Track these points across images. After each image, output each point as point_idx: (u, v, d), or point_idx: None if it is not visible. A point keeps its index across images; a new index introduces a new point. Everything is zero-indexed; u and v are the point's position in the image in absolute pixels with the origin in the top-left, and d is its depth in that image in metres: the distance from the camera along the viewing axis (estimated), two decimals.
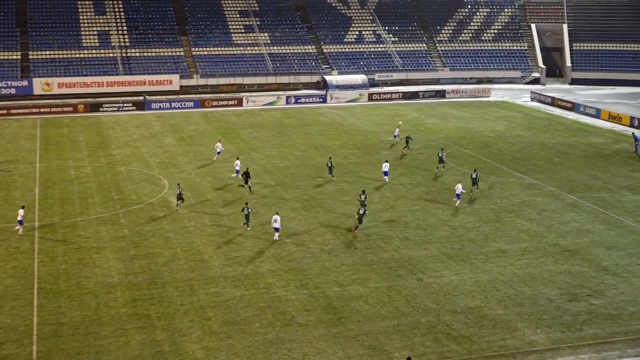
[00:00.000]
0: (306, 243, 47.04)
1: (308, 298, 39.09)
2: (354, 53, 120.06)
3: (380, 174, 61.58)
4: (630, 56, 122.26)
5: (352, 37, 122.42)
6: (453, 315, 37.34)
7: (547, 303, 38.86)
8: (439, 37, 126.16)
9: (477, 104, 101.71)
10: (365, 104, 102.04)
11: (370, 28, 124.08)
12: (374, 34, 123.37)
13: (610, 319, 37.21)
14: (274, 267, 43.16)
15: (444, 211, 53.72)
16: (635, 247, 47.01)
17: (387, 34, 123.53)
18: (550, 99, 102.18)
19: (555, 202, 56.28)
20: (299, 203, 55.24)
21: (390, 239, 47.86)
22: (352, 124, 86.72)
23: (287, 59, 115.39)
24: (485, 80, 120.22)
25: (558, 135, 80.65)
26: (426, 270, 42.92)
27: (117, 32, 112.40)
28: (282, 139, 77.46)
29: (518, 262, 44.40)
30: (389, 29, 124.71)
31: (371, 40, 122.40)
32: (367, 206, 51.42)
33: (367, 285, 40.84)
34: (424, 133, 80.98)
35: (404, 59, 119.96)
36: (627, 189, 60.07)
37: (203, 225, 50.11)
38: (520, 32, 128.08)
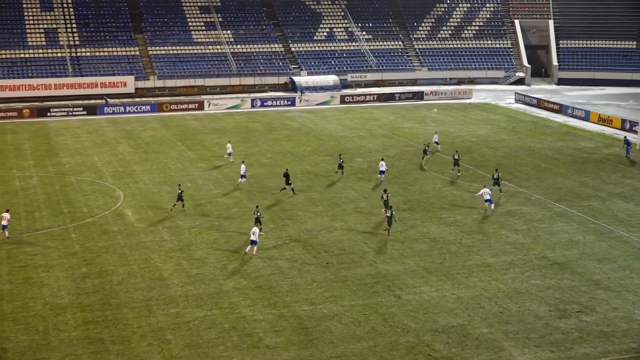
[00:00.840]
0: (274, 258, 46.95)
1: (277, 318, 38.99)
2: (324, 52, 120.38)
3: (357, 183, 61.70)
4: (621, 54, 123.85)
5: (322, 34, 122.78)
6: (434, 335, 37.43)
7: (534, 320, 39.10)
8: (416, 34, 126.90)
9: (457, 107, 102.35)
10: (337, 107, 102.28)
11: (342, 25, 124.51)
12: (346, 31, 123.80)
13: (603, 336, 37.52)
14: (239, 284, 43.02)
15: (423, 222, 53.92)
16: (628, 259, 47.50)
17: (360, 32, 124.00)
18: (536, 100, 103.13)
19: (543, 211, 56.71)
20: (266, 215, 55.10)
21: (366, 253, 47.92)
22: (323, 128, 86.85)
23: (252, 59, 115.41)
24: (466, 81, 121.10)
25: (545, 140, 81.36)
26: (404, 287, 43.00)
27: (65, 30, 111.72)
28: (247, 146, 77.35)
29: (503, 276, 44.64)
30: (362, 25, 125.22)
31: (343, 38, 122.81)
32: (391, 208, 51.86)
33: (341, 303, 40.82)
34: (401, 138, 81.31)
35: (379, 59, 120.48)
36: (619, 196, 60.71)
37: (162, 240, 49.85)
38: (503, 29, 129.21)
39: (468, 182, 63.85)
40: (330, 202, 58.26)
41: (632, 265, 46.40)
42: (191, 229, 52.10)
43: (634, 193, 61.56)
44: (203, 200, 58.48)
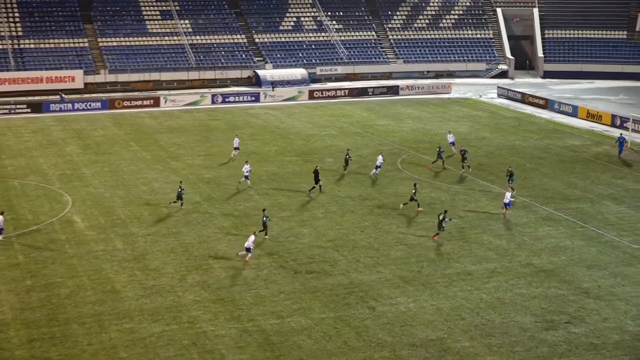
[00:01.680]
0: (237, 268, 46.88)
1: (240, 333, 38.94)
2: (291, 43, 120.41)
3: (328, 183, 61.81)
4: (610, 45, 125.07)
5: (288, 24, 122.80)
6: (411, 349, 37.56)
7: (519, 332, 39.35)
8: (390, 24, 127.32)
9: (435, 102, 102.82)
10: (306, 102, 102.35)
11: (310, 14, 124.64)
12: (315, 20, 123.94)
13: (593, 349, 37.85)
14: (199, 297, 42.90)
15: (399, 227, 54.10)
16: (620, 265, 47.97)
17: (330, 21, 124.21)
18: (520, 95, 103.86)
19: (528, 214, 57.12)
20: (229, 220, 55.04)
21: (337, 262, 47.98)
22: (291, 126, 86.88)
23: (212, 51, 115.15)
24: (445, 74, 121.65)
25: (530, 137, 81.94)
26: (379, 297, 43.11)
27: (7, 20, 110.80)
28: (207, 145, 77.19)
29: (486, 285, 44.90)
30: (332, 14, 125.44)
31: (311, 28, 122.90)
32: (446, 212, 52.44)
33: (311, 316, 40.84)
34: (375, 136, 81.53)
35: (350, 50, 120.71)
36: (609, 198, 61.29)
37: (114, 249, 49.61)
38: (484, 18, 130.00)
39: (447, 184, 64.17)
40: (298, 206, 58.29)
41: (623, 272, 46.87)
42: (146, 236, 51.88)
43: (625, 194, 62.19)
44: (160, 205, 58.26)
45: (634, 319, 40.85)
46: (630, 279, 45.86)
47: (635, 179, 66.75)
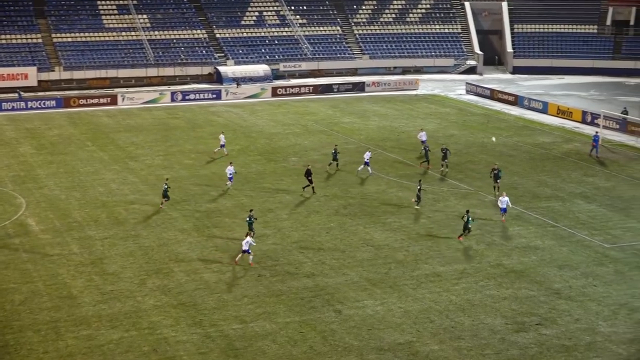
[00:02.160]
0: (199, 271, 46.80)
1: (203, 339, 38.87)
2: (253, 39, 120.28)
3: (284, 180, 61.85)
4: (580, 40, 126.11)
5: (250, 19, 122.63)
6: (379, 354, 37.69)
7: (490, 335, 39.62)
8: (355, 18, 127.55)
9: (403, 99, 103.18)
10: (269, 100, 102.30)
11: (273, 8, 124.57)
12: (278, 15, 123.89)
13: (564, 351, 38.19)
14: (160, 301, 42.78)
15: (366, 228, 54.26)
16: (591, 265, 48.44)
17: (293, 15, 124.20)
18: (489, 91, 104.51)
19: (497, 214, 57.46)
20: (190, 222, 54.92)
21: (302, 264, 48.04)
22: (253, 124, 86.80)
23: (171, 47, 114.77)
24: (412, 70, 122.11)
25: (499, 135, 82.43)
26: (346, 300, 43.20)
27: None
28: (167, 145, 76.94)
29: (455, 287, 45.14)
30: (296, 9, 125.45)
31: (274, 23, 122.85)
32: (468, 212, 52.44)
33: (275, 320, 40.86)
34: (341, 134, 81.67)
35: (315, 46, 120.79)
36: (581, 196, 61.86)
37: (70, 253, 49.32)
38: (452, 12, 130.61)
39: (415, 183, 64.34)
40: (261, 207, 58.25)
41: (595, 272, 47.33)
42: (104, 239, 51.63)
43: (596, 193, 62.80)
44: (117, 207, 58.01)
45: (605, 319, 41.27)
46: (602, 279, 46.32)
47: (607, 177, 67.45)
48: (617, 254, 50.25)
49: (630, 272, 47.44)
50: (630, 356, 37.60)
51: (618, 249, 51.11)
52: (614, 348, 38.34)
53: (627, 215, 57.48)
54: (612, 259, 49.43)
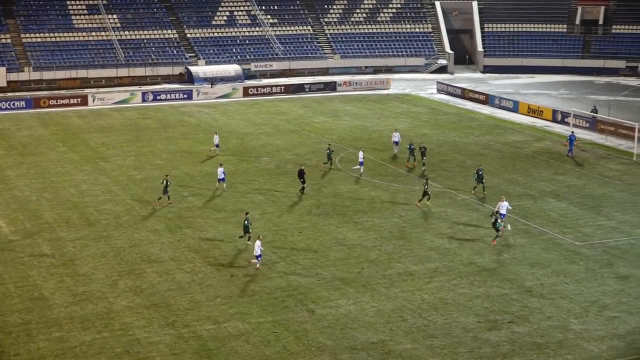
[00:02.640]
0: (171, 272, 46.67)
1: (175, 339, 38.77)
2: (224, 39, 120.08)
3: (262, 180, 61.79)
4: (550, 39, 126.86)
5: (221, 19, 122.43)
6: (352, 353, 37.74)
7: (462, 333, 39.78)
8: (327, 18, 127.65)
9: (374, 98, 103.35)
10: (240, 100, 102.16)
11: (244, 8, 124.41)
12: (249, 15, 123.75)
13: (537, 348, 38.40)
14: (132, 302, 42.62)
15: (338, 227, 54.31)
16: (562, 262, 48.75)
17: (264, 15, 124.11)
18: (460, 90, 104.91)
19: (469, 212, 57.72)
20: (162, 223, 54.75)
21: (275, 264, 48.01)
22: (225, 124, 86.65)
23: (142, 47, 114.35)
24: (384, 70, 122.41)
25: (470, 134, 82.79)
26: (319, 300, 43.23)
27: None
28: (138, 145, 76.66)
29: (428, 285, 45.29)
30: (267, 8, 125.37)
31: (245, 23, 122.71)
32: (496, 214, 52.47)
33: (248, 320, 40.82)
34: (312, 134, 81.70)
35: (286, 45, 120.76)
36: (552, 194, 62.22)
37: (41, 255, 49.04)
38: (422, 12, 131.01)
39: (387, 182, 64.55)
40: (233, 207, 58.19)
41: (566, 270, 47.63)
42: (75, 241, 51.38)
43: (567, 191, 63.20)
44: (89, 208, 57.74)
45: (577, 317, 41.55)
46: (573, 277, 46.63)
47: (577, 175, 67.90)
48: (588, 251, 50.59)
49: (600, 269, 47.78)
50: (602, 353, 37.87)
51: (589, 246, 51.46)
52: (585, 345, 38.60)
53: (598, 213, 57.88)
54: (583, 256, 49.77)
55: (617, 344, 38.75)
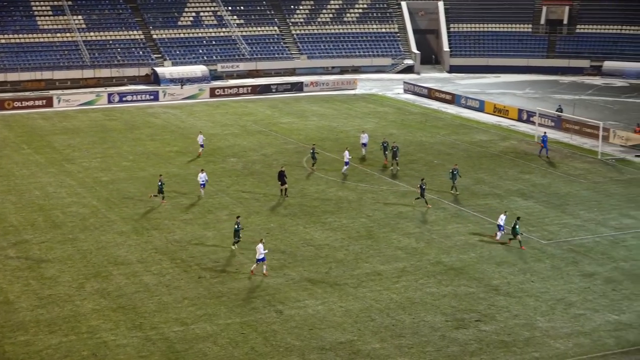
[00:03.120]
0: (139, 274, 46.46)
1: (143, 342, 38.60)
2: (190, 39, 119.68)
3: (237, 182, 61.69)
4: (515, 39, 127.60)
5: (187, 19, 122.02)
6: (321, 353, 37.76)
7: (430, 332, 39.92)
8: (293, 18, 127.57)
9: (341, 98, 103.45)
10: (207, 100, 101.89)
11: (210, 8, 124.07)
12: (215, 15, 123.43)
13: (504, 346, 38.62)
14: (99, 305, 42.39)
15: (306, 228, 54.32)
16: (529, 261, 49.05)
17: (230, 16, 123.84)
18: (427, 90, 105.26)
19: (436, 212, 57.95)
20: (129, 225, 54.49)
21: (242, 265, 47.94)
22: (192, 125, 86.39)
23: (107, 48, 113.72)
24: (350, 70, 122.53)
25: (437, 133, 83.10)
26: (287, 301, 43.21)
27: None
28: (104, 147, 76.25)
29: (395, 285, 45.40)
30: (233, 9, 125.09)
31: (211, 24, 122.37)
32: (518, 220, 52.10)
33: (216, 322, 40.73)
34: (279, 135, 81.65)
35: (252, 46, 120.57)
36: (517, 193, 62.59)
37: (6, 258, 48.65)
38: (389, 12, 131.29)
39: (355, 182, 64.64)
40: (201, 208, 58.04)
41: (532, 268, 47.94)
42: (41, 244, 51.03)
43: (533, 189, 63.60)
44: (55, 210, 57.36)
45: (543, 315, 41.84)
46: (539, 275, 46.95)
47: (543, 173, 68.34)
48: (554, 250, 50.97)
49: (566, 267, 48.15)
50: (568, 350, 38.16)
51: (555, 245, 51.84)
52: (551, 343, 38.88)
53: (563, 212, 58.29)
54: (548, 254, 50.13)
55: (583, 341, 39.09)
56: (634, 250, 50.97)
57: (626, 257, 49.95)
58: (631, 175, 68.56)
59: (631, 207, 59.71)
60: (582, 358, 37.55)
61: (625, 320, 41.28)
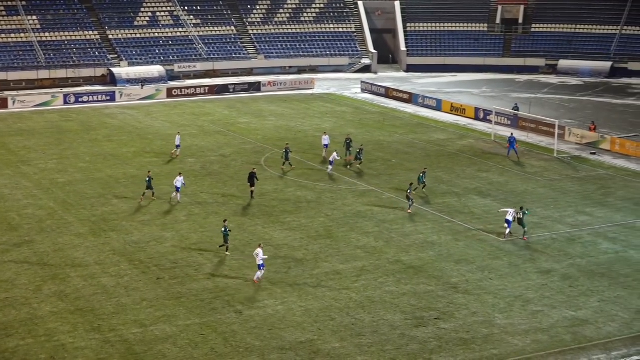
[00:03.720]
0: (97, 276, 46.15)
1: (102, 344, 38.36)
2: (147, 39, 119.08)
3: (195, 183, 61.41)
4: (472, 38, 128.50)
5: (143, 19, 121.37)
6: (281, 353, 37.76)
7: (390, 331, 40.07)
8: (250, 18, 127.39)
9: (299, 98, 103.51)
10: (164, 101, 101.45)
11: (166, 8, 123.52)
12: (171, 15, 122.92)
13: (463, 344, 38.87)
14: (56, 308, 42.05)
15: (265, 228, 54.28)
16: (487, 259, 49.41)
17: (187, 16, 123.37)
18: (384, 89, 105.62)
19: (395, 211, 58.16)
20: (86, 227, 54.12)
21: (201, 266, 47.80)
22: (149, 126, 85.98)
23: (63, 49, 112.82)
24: (308, 70, 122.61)
25: (395, 133, 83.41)
26: (246, 301, 43.16)
27: None
28: (61, 148, 75.64)
29: (355, 284, 45.51)
30: (190, 9, 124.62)
31: (168, 24, 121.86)
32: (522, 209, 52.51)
33: (175, 323, 40.57)
34: (237, 135, 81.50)
35: (210, 46, 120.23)
36: (475, 192, 63.00)
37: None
38: (346, 12, 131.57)
39: (313, 182, 64.71)
40: (159, 209, 57.78)
41: (490, 266, 48.30)
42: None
43: (490, 188, 64.07)
44: (10, 213, 56.80)
45: (501, 312, 42.16)
46: (497, 272, 47.31)
47: (500, 172, 68.86)
48: (511, 247, 51.39)
49: (524, 264, 48.57)
50: (526, 347, 38.49)
51: (512, 242, 52.26)
52: (510, 339, 39.20)
53: (521, 210, 58.69)
54: (506, 252, 50.54)
55: (541, 337, 39.45)
56: (589, 247, 51.56)
57: (582, 253, 50.51)
58: (587, 172, 69.34)
59: (587, 204, 60.39)
60: (539, 354, 37.92)
61: (581, 317, 41.74)
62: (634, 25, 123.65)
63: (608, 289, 45.10)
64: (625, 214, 58.18)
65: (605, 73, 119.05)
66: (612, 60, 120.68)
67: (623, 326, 40.77)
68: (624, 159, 73.89)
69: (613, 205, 60.05)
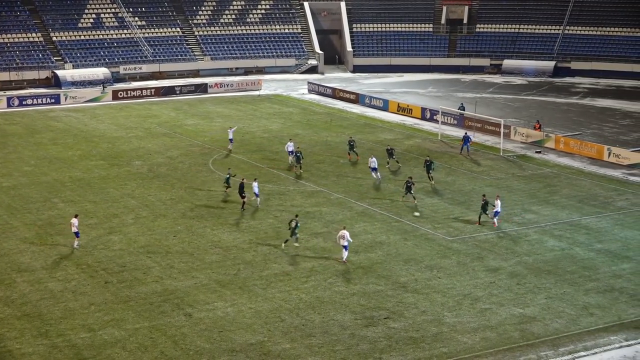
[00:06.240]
0: (43, 281, 45.65)
1: (49, 349, 37.96)
2: (91, 41, 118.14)
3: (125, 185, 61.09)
4: (417, 38, 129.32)
5: (88, 21, 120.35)
6: (231, 355, 37.67)
7: (340, 331, 40.14)
8: (196, 19, 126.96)
9: (246, 99, 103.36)
10: (110, 103, 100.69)
11: (111, 10, 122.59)
12: (116, 17, 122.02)
13: (412, 343, 39.06)
14: (2, 313, 41.54)
15: (213, 230, 54.09)
16: (435, 257, 49.72)
17: (132, 17, 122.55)
18: (331, 90, 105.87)
19: (344, 211, 58.28)
20: (32, 231, 53.50)
21: (150, 269, 47.50)
22: (95, 129, 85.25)
23: (6, 51, 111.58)
24: (254, 71, 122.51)
25: (342, 133, 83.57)
26: (196, 303, 42.98)
27: None
28: (4, 152, 74.74)
29: (304, 285, 45.53)
30: (134, 10, 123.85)
31: (112, 25, 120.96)
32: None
33: (124, 327, 40.28)
34: (184, 137, 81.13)
35: (155, 48, 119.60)
36: (423, 191, 63.34)
37: None
38: (291, 13, 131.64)
39: (262, 184, 64.53)
40: (106, 213, 57.31)
41: (439, 265, 48.60)
42: None
43: (437, 187, 64.46)
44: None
45: (450, 310, 42.45)
46: (446, 271, 47.63)
47: (447, 171, 69.33)
48: (459, 246, 51.78)
49: (472, 263, 48.95)
50: (475, 345, 38.79)
51: (460, 241, 52.66)
52: (459, 337, 39.48)
53: (467, 208, 59.20)
54: (454, 251, 50.90)
55: (490, 335, 39.79)
56: (536, 245, 52.12)
57: (529, 251, 51.04)
58: (532, 171, 70.09)
59: (533, 202, 61.04)
60: (488, 352, 38.24)
61: (529, 314, 42.17)
62: (576, 25, 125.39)
63: (554, 286, 45.64)
64: (570, 211, 58.91)
65: (549, 72, 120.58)
66: (555, 59, 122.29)
67: (570, 322, 41.30)
68: (568, 157, 74.83)
69: (558, 203, 60.78)
